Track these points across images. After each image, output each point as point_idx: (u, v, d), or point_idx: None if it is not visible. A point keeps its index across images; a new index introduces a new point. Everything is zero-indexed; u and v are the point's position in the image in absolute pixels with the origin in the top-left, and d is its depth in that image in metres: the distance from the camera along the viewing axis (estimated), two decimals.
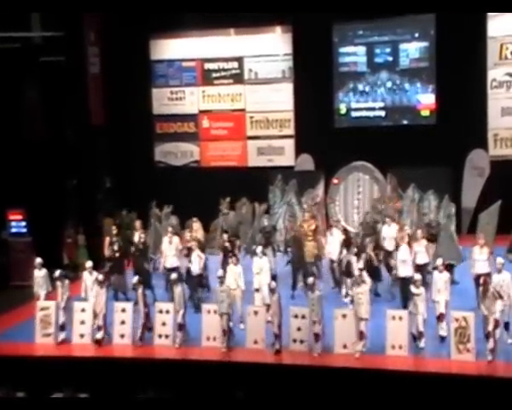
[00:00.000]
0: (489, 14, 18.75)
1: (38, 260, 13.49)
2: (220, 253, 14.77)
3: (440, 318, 11.68)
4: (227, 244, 14.67)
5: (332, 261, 14.73)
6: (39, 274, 13.33)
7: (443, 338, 11.61)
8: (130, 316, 12.53)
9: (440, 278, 11.88)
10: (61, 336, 12.77)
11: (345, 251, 13.89)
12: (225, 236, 14.93)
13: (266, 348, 11.84)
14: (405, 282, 12.49)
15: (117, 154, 21.22)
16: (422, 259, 13.28)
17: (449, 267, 13.00)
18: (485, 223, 16.61)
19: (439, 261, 12.15)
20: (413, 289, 11.62)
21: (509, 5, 16.46)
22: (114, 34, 20.44)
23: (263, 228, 15.60)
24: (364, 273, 11.96)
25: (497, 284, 11.29)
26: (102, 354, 12.27)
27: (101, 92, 20.20)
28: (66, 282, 12.96)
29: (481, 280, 11.38)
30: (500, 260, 11.78)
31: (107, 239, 15.07)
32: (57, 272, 13.12)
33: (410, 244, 13.45)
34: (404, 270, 12.94)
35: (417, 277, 11.78)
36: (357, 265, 12.82)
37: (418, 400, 10.28)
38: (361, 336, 11.45)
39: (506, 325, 11.41)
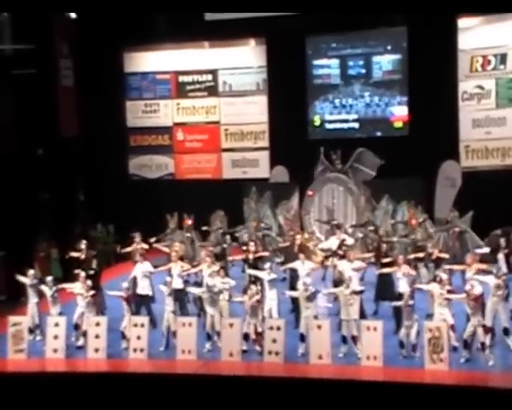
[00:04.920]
0: (460, 27, 19.06)
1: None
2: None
3: None
4: None
5: None
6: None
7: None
8: (104, 330, 12.41)
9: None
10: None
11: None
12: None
13: (242, 360, 11.85)
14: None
15: (91, 167, 21.10)
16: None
17: None
18: None
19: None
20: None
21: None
22: (88, 47, 20.37)
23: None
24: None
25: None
26: (77, 369, 12.14)
27: (74, 105, 20.11)
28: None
29: None
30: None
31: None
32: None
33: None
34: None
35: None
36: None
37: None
38: (354, 339, 11.59)
39: (506, 331, 11.55)
